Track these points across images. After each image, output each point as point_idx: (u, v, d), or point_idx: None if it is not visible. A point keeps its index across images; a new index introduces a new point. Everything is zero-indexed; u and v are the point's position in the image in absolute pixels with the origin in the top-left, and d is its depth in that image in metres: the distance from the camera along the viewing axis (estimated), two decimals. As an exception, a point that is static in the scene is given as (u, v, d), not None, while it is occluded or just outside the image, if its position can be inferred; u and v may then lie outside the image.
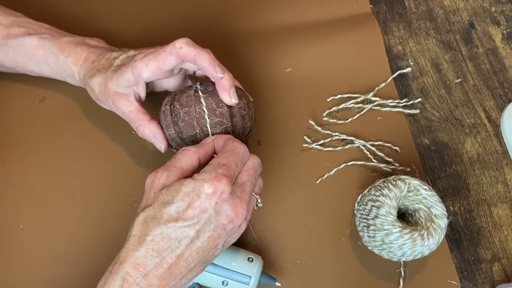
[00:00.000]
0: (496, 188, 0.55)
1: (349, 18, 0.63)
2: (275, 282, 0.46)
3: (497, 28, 0.64)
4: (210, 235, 0.38)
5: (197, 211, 0.37)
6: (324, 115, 0.57)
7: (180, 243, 0.37)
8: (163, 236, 0.37)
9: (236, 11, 0.62)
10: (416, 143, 0.57)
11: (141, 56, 0.45)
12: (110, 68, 0.46)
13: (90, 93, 0.49)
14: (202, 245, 0.38)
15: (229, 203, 0.38)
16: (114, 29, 0.60)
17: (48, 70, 0.50)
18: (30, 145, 0.53)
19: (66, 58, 0.48)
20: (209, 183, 0.37)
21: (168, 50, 0.44)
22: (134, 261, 0.36)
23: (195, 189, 0.37)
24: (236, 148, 0.41)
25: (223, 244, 0.40)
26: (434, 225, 0.45)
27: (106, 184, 0.52)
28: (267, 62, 0.59)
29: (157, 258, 0.36)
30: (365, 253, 0.50)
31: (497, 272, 0.52)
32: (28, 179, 0.51)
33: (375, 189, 0.48)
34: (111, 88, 0.46)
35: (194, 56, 0.43)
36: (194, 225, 0.37)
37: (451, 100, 0.60)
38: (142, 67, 0.44)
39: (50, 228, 0.49)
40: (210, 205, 0.37)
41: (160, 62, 0.44)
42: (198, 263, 0.38)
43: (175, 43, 0.43)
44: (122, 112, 0.47)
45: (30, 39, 0.48)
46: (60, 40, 0.49)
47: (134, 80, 0.45)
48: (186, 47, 0.43)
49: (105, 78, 0.46)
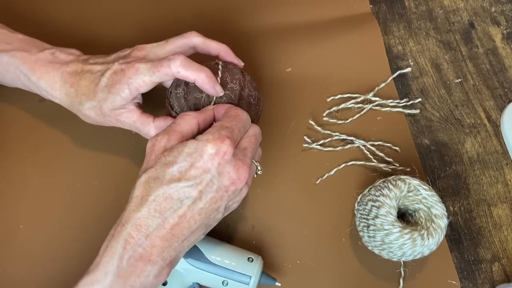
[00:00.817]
0: (496, 188, 0.55)
1: (349, 18, 0.63)
2: (275, 282, 0.46)
3: (497, 28, 0.64)
4: (212, 196, 0.38)
5: (200, 171, 0.37)
6: (324, 115, 0.57)
7: (183, 204, 0.37)
8: (165, 197, 0.37)
9: (236, 11, 0.62)
10: (416, 143, 0.57)
11: (133, 71, 0.43)
12: (97, 90, 0.44)
13: (85, 119, 0.47)
14: (205, 207, 0.38)
15: (232, 164, 0.38)
16: (114, 30, 0.60)
17: (23, 87, 0.49)
18: (29, 145, 0.53)
19: (38, 79, 0.46)
20: (212, 143, 0.37)
21: (164, 71, 0.42)
22: (136, 222, 0.36)
23: (198, 149, 0.37)
24: (239, 114, 0.41)
25: (225, 207, 0.40)
26: (434, 225, 0.45)
27: (106, 184, 0.51)
28: (267, 62, 0.59)
29: (159, 219, 0.36)
30: (365, 253, 0.50)
31: (497, 272, 0.52)
32: (28, 179, 0.51)
33: (375, 189, 0.48)
34: (107, 109, 0.44)
35: (194, 80, 0.43)
36: (197, 185, 0.37)
37: (451, 100, 0.60)
38: (139, 82, 0.43)
39: (50, 228, 0.49)
40: (213, 165, 0.37)
41: (156, 79, 0.43)
42: (200, 225, 0.38)
43: (170, 66, 0.42)
44: (127, 125, 0.46)
45: (1, 56, 0.46)
46: (30, 57, 0.46)
47: (131, 96, 0.44)
48: (183, 71, 0.42)
49: (97, 101, 0.44)
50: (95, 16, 0.61)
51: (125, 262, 0.36)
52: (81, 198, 0.51)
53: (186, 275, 0.45)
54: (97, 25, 0.60)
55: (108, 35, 0.59)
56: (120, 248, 0.36)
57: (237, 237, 0.51)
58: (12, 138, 0.53)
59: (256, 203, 0.52)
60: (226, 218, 0.44)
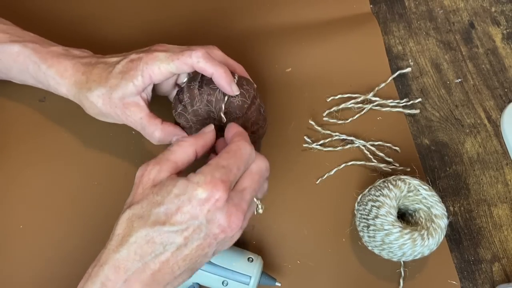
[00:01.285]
0: (496, 188, 0.55)
1: (349, 18, 0.63)
2: (275, 282, 0.46)
3: (497, 28, 0.64)
4: (199, 244, 0.35)
5: (187, 217, 0.34)
6: (324, 115, 0.57)
7: (166, 249, 0.34)
8: (148, 239, 0.34)
9: (236, 11, 0.62)
10: (416, 143, 0.57)
11: (151, 57, 0.42)
12: (110, 77, 0.43)
13: (89, 109, 0.45)
14: (190, 253, 0.35)
15: (223, 211, 0.34)
16: (114, 30, 0.60)
17: (30, 79, 0.47)
18: (30, 145, 0.52)
19: (48, 68, 0.45)
20: (203, 187, 0.34)
21: (183, 59, 0.41)
22: (115, 263, 0.34)
23: (187, 192, 0.34)
24: (241, 149, 0.37)
25: (213, 253, 0.37)
26: (434, 225, 0.45)
27: (106, 184, 0.51)
28: (267, 62, 0.59)
29: (139, 263, 0.34)
30: (365, 253, 0.50)
31: (497, 272, 0.52)
32: (28, 179, 0.51)
33: (375, 189, 0.48)
34: (117, 97, 0.43)
35: (212, 74, 0.41)
36: (182, 232, 0.34)
37: (451, 100, 0.60)
38: (155, 69, 0.42)
39: (50, 228, 0.49)
40: (201, 212, 0.34)
41: (173, 68, 0.42)
42: (184, 271, 0.36)
43: (191, 55, 0.41)
44: (132, 120, 0.44)
45: (12, 46, 0.46)
46: (42, 49, 0.46)
47: (143, 85, 0.42)
48: (203, 62, 0.41)
49: (108, 88, 0.42)
50: (100, 16, 0.61)
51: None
52: (81, 198, 0.51)
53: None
54: (103, 25, 0.60)
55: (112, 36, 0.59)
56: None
57: (237, 237, 0.51)
58: (12, 138, 0.53)
59: (256, 203, 0.52)
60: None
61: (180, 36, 0.60)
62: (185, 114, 0.44)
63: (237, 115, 0.44)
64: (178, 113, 0.45)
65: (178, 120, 0.45)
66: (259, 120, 0.46)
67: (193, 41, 0.59)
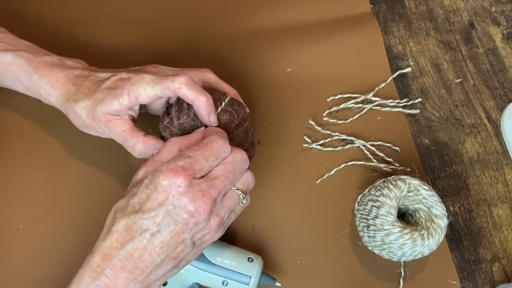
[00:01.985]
0: (496, 188, 0.55)
1: (349, 18, 0.63)
2: (275, 282, 0.46)
3: (497, 28, 0.64)
4: (171, 230, 0.37)
5: (155, 204, 0.36)
6: (324, 115, 0.57)
7: (142, 236, 0.36)
8: (126, 228, 0.36)
9: (236, 11, 0.62)
10: (416, 143, 0.57)
11: (138, 78, 0.42)
12: (97, 91, 0.44)
13: (74, 119, 0.45)
14: (165, 240, 0.37)
15: (188, 196, 0.36)
16: (113, 30, 0.60)
17: (21, 88, 0.48)
18: (30, 145, 0.53)
19: (40, 78, 0.45)
20: (163, 174, 0.36)
21: (166, 84, 0.42)
22: (102, 251, 0.37)
23: (153, 180, 0.37)
24: (212, 142, 0.39)
25: (193, 241, 0.38)
26: (434, 225, 0.45)
27: (106, 184, 0.51)
28: (267, 62, 0.59)
29: (121, 250, 0.36)
30: (365, 253, 0.50)
31: (497, 272, 0.52)
32: (28, 179, 0.51)
33: (375, 189, 0.48)
34: (100, 111, 0.43)
35: (192, 101, 0.42)
36: (153, 218, 0.36)
37: (451, 100, 0.60)
38: (140, 91, 0.42)
39: (50, 228, 0.49)
40: (166, 198, 0.36)
41: (157, 92, 0.42)
42: (165, 259, 0.37)
43: (174, 81, 0.41)
44: (115, 132, 0.44)
45: (5, 55, 0.46)
46: (36, 59, 0.46)
47: (129, 104, 0.43)
48: (185, 89, 0.41)
49: (93, 101, 0.43)
50: (94, 20, 0.61)
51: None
52: (81, 198, 0.51)
53: (186, 275, 0.45)
54: (101, 28, 0.60)
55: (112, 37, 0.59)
56: (87, 277, 0.36)
57: (237, 237, 0.51)
58: (12, 138, 0.53)
59: (256, 203, 0.52)
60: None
61: (180, 36, 0.60)
62: (170, 127, 0.44)
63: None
64: (164, 125, 0.45)
65: (163, 133, 0.45)
66: (245, 142, 0.45)
67: (193, 41, 0.60)
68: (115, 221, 0.37)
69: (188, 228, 0.37)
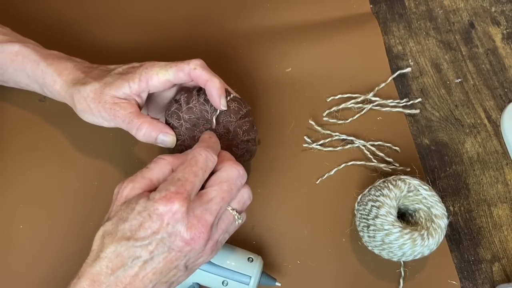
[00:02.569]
0: (496, 188, 0.55)
1: (349, 18, 0.63)
2: (275, 282, 0.46)
3: (497, 28, 0.64)
4: (165, 257, 0.36)
5: (149, 232, 0.35)
6: (324, 115, 0.57)
7: (133, 263, 0.35)
8: (117, 254, 0.35)
9: (236, 11, 0.62)
10: (416, 143, 0.57)
11: (151, 63, 0.43)
12: (108, 75, 0.44)
13: (78, 103, 0.44)
14: (158, 266, 0.36)
15: (184, 223, 0.35)
16: (113, 31, 0.60)
17: (25, 78, 0.47)
18: (30, 145, 0.53)
19: (47, 66, 0.45)
20: (158, 203, 0.35)
21: (181, 66, 0.42)
22: (90, 277, 0.35)
23: (147, 208, 0.35)
24: (195, 156, 0.38)
25: (186, 266, 0.38)
26: (434, 225, 0.45)
27: (106, 184, 0.51)
28: (267, 62, 0.59)
29: (111, 276, 0.35)
30: (365, 253, 0.50)
31: (497, 272, 0.52)
32: (28, 179, 0.51)
33: (375, 189, 0.48)
34: (109, 93, 0.43)
35: (206, 81, 0.42)
36: (146, 246, 0.35)
37: (451, 100, 0.60)
38: (153, 75, 0.42)
39: (50, 228, 0.49)
40: (161, 226, 0.35)
41: (171, 75, 0.43)
42: (157, 283, 0.37)
43: (189, 62, 0.42)
44: (120, 115, 0.43)
45: (12, 46, 0.46)
46: (44, 50, 0.47)
47: (139, 88, 0.43)
48: (200, 70, 0.42)
49: (102, 84, 0.43)
50: (94, 19, 0.61)
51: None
52: (81, 198, 0.51)
53: (186, 275, 0.45)
54: (97, 29, 0.60)
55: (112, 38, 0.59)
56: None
57: (237, 237, 0.51)
58: (12, 138, 0.53)
59: (256, 203, 0.52)
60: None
61: (179, 36, 0.60)
62: (179, 112, 0.45)
63: (231, 119, 0.45)
64: (171, 111, 0.45)
65: (170, 119, 0.45)
66: (251, 132, 0.46)
67: (193, 41, 0.60)
68: (104, 247, 0.36)
69: (183, 255, 0.36)
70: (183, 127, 0.45)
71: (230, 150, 0.45)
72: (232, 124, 0.45)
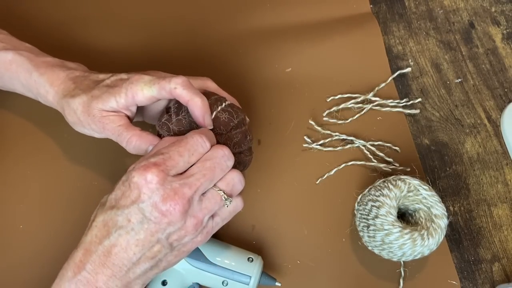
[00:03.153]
0: (496, 188, 0.55)
1: (349, 18, 0.63)
2: (275, 282, 0.46)
3: (497, 28, 0.64)
4: (145, 228, 0.36)
5: (128, 201, 0.36)
6: (324, 115, 0.57)
7: (117, 233, 0.36)
8: (104, 223, 0.37)
9: (236, 11, 0.62)
10: (416, 143, 0.57)
11: (137, 78, 0.42)
12: (96, 88, 0.43)
13: (69, 115, 0.45)
14: (140, 238, 0.36)
15: (159, 194, 0.35)
16: (112, 32, 0.60)
17: (20, 87, 0.47)
18: (29, 145, 0.53)
19: (40, 76, 0.45)
20: (135, 171, 0.36)
21: (163, 84, 0.41)
22: (84, 246, 0.37)
23: (128, 178, 0.37)
24: (187, 137, 0.38)
25: (169, 242, 0.37)
26: (434, 225, 0.45)
27: (106, 184, 0.51)
28: (267, 62, 0.59)
29: (99, 245, 0.36)
30: (365, 253, 0.50)
31: (497, 272, 0.52)
32: (28, 179, 0.51)
33: (375, 189, 0.48)
34: (96, 107, 0.43)
35: (187, 101, 0.41)
36: (126, 215, 0.36)
37: (451, 100, 0.60)
38: (138, 91, 0.42)
39: (50, 228, 0.49)
40: (139, 196, 0.36)
41: (154, 92, 0.42)
42: (142, 257, 0.37)
43: (170, 81, 0.41)
44: (110, 128, 0.43)
45: (6, 54, 0.46)
46: (37, 58, 0.46)
47: (125, 103, 0.42)
48: (180, 89, 0.41)
49: (90, 97, 0.43)
50: (93, 22, 0.61)
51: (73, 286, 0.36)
52: (81, 198, 0.51)
53: (186, 275, 0.45)
54: (96, 32, 0.60)
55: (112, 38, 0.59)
56: (69, 272, 0.37)
57: (237, 237, 0.51)
58: (12, 138, 0.53)
59: (256, 203, 0.52)
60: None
61: (179, 37, 0.60)
62: (168, 124, 0.44)
63: (221, 131, 0.43)
64: (162, 122, 0.44)
65: (161, 131, 0.45)
66: (242, 144, 0.44)
67: (193, 42, 0.60)
68: (96, 216, 0.38)
69: (162, 228, 0.36)
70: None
71: None
72: (222, 137, 0.43)
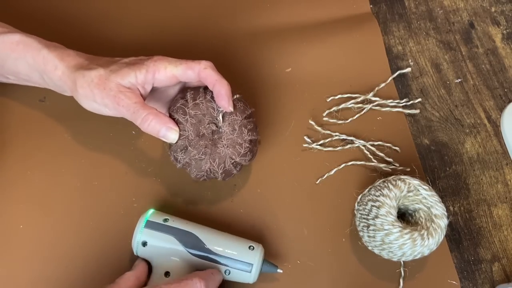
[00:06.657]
0: (496, 188, 0.55)
1: (349, 18, 0.63)
2: (277, 269, 0.46)
3: (497, 28, 0.64)
4: None
5: None
6: (324, 115, 0.57)
7: None
8: None
9: (236, 11, 0.62)
10: (416, 143, 0.57)
11: (160, 57, 0.44)
12: (115, 64, 0.44)
13: (80, 88, 0.43)
14: None
15: None
16: (112, 33, 0.60)
17: (24, 68, 0.46)
18: (30, 145, 0.52)
19: (49, 52, 0.44)
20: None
21: (191, 64, 0.43)
22: None
23: None
24: (187, 278, 0.41)
25: None
26: (434, 225, 0.45)
27: (106, 184, 0.51)
28: (267, 62, 0.59)
29: None
30: (365, 253, 0.50)
31: (497, 272, 0.52)
32: (28, 179, 0.51)
33: (375, 189, 0.48)
34: (114, 81, 0.42)
35: (215, 81, 0.43)
36: None
37: (451, 100, 0.60)
38: (161, 68, 0.43)
39: (50, 228, 0.49)
40: None
41: (179, 71, 0.43)
42: None
43: (200, 62, 0.44)
44: (125, 104, 0.42)
45: (12, 35, 0.45)
46: (45, 41, 0.46)
47: (144, 80, 0.43)
48: (210, 70, 0.43)
49: (108, 71, 0.42)
50: (96, 18, 0.61)
51: None
52: (81, 198, 0.51)
53: (188, 265, 0.45)
54: (98, 28, 0.60)
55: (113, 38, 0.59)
56: None
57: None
58: (12, 138, 0.53)
59: (256, 203, 0.52)
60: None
61: (179, 37, 0.60)
62: (185, 108, 0.45)
63: (237, 117, 0.45)
64: (177, 107, 0.45)
65: (175, 114, 0.45)
66: (254, 132, 0.47)
67: (194, 41, 0.60)
68: None
69: None
70: (188, 122, 0.45)
71: (234, 148, 0.45)
72: (237, 122, 0.45)
